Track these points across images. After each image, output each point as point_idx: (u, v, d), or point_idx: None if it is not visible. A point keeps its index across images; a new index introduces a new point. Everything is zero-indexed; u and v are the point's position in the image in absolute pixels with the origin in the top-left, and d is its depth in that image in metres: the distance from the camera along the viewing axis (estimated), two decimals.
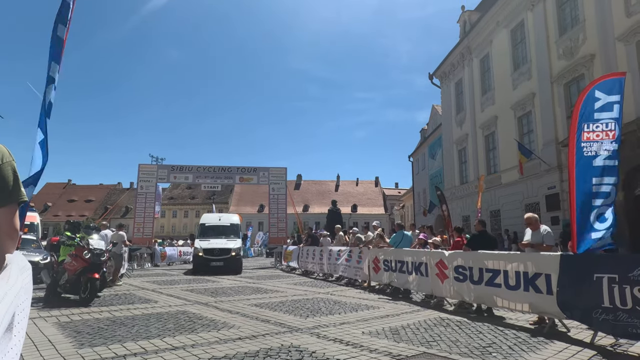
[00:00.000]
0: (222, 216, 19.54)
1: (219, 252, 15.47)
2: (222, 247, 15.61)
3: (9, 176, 1.71)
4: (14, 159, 1.80)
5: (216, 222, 18.06)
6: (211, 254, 15.36)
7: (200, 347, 4.55)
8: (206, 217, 19.26)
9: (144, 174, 24.00)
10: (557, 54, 16.67)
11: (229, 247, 15.65)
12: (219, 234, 16.82)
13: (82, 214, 65.38)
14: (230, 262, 15.43)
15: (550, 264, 5.38)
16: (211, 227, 17.49)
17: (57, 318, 6.26)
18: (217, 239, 16.20)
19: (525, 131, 19.08)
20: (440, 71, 27.81)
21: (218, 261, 15.31)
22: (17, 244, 2.02)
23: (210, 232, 17.14)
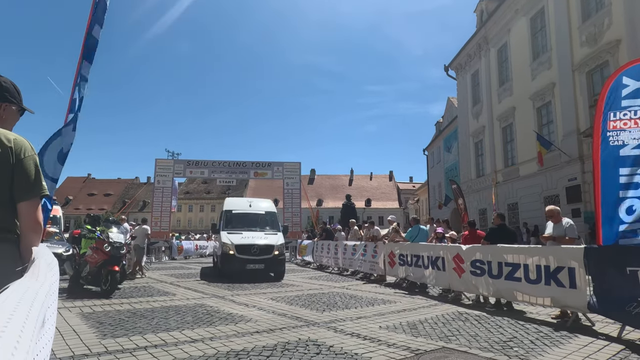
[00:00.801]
0: (253, 201, 13.88)
1: (258, 250, 11.11)
2: (261, 244, 11.25)
3: (30, 170, 1.71)
4: (36, 152, 1.81)
5: (246, 209, 13.19)
6: (247, 253, 11.01)
7: (218, 340, 4.59)
8: (232, 202, 13.95)
9: (160, 168, 24.37)
10: (580, 41, 16.15)
11: (270, 244, 11.33)
12: (250, 225, 12.39)
13: (101, 207, 66.90)
14: (272, 264, 11.23)
15: (573, 257, 5.24)
16: (239, 216, 12.80)
17: (81, 309, 6.41)
18: (251, 232, 11.86)
19: (545, 122, 18.62)
20: (456, 62, 27.32)
21: (257, 263, 11.04)
22: (42, 236, 2.05)
23: (239, 222, 12.52)
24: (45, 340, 0.88)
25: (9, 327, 0.56)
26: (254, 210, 13.18)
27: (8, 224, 1.68)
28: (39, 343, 0.77)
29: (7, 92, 1.88)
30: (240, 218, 12.67)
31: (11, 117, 1.91)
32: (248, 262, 10.94)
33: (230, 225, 12.26)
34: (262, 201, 14.12)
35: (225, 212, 12.81)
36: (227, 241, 11.21)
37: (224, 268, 11.18)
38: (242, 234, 11.55)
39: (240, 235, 11.50)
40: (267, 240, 11.42)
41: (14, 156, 1.69)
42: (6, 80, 1.91)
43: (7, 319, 0.58)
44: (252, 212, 13.12)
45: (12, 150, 1.69)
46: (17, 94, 1.93)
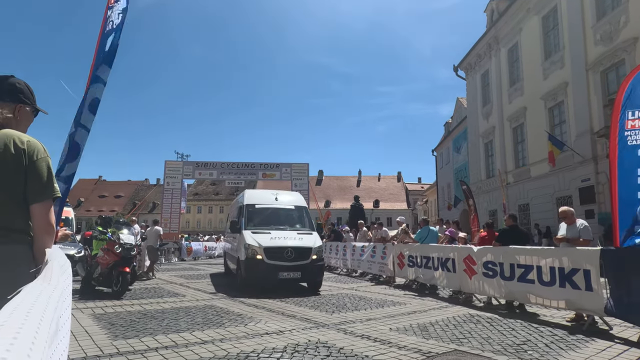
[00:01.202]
0: (280, 194, 11.05)
1: (292, 254, 8.74)
2: (297, 246, 8.91)
3: (43, 172, 1.71)
4: (49, 155, 1.81)
5: (272, 203, 10.52)
6: (279, 258, 8.64)
7: (228, 342, 4.58)
8: (254, 195, 11.06)
9: (170, 170, 24.57)
10: (594, 39, 15.89)
11: (306, 246, 9.01)
12: (278, 223, 9.96)
13: (112, 209, 67.69)
14: (309, 272, 8.90)
15: (589, 259, 5.14)
16: (264, 212, 10.27)
17: (93, 310, 6.47)
18: (281, 231, 9.47)
19: (557, 122, 18.36)
20: (466, 63, 27.10)
21: (292, 270, 8.69)
22: (55, 238, 2.06)
23: (263, 219, 10.04)
24: (62, 349, 0.87)
25: (22, 333, 0.54)
26: (282, 205, 10.53)
27: (22, 225, 1.69)
28: (57, 350, 0.75)
29: (22, 94, 1.89)
30: (264, 214, 10.14)
31: (26, 118, 1.92)
32: (280, 270, 8.53)
33: (252, 222, 9.71)
34: (290, 194, 11.61)
35: (245, 207, 10.05)
36: (253, 243, 8.74)
37: (249, 277, 8.70)
38: (271, 234, 9.13)
39: (268, 235, 9.08)
40: (303, 242, 9.07)
41: (27, 158, 1.69)
42: (20, 82, 1.92)
43: (20, 325, 0.56)
44: (280, 206, 10.46)
45: (25, 152, 1.70)
46: (30, 95, 1.94)
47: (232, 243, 11.18)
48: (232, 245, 10.95)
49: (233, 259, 10.48)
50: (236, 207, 11.31)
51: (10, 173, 1.67)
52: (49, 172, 1.75)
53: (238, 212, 10.61)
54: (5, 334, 0.51)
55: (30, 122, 1.98)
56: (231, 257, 11.17)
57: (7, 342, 0.49)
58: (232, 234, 10.94)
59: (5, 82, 1.87)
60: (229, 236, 12.03)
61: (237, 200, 11.82)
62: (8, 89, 1.85)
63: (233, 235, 10.70)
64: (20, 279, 1.59)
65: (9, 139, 1.71)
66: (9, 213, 1.66)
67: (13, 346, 0.48)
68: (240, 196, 11.22)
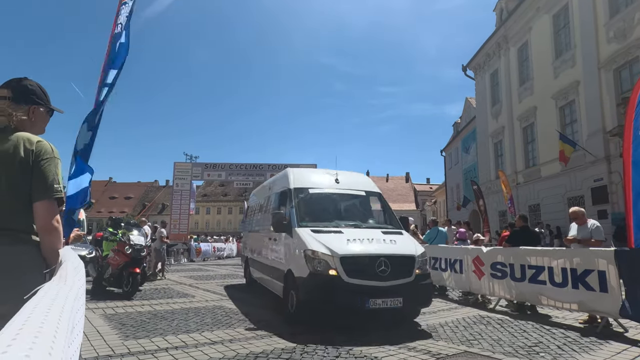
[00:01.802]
0: (341, 174, 7.40)
1: (388, 267, 5.32)
2: (392, 254, 5.50)
3: (47, 172, 1.71)
4: (58, 157, 1.81)
5: (332, 187, 7.13)
6: (367, 274, 5.25)
7: (238, 342, 4.60)
8: (303, 175, 7.47)
9: (179, 171, 24.75)
10: (607, 37, 15.66)
11: (406, 254, 5.64)
12: (345, 218, 6.76)
13: (122, 210, 68.39)
14: (414, 296, 5.42)
15: (603, 260, 5.06)
16: (322, 200, 7.01)
17: (104, 310, 6.54)
18: (357, 229, 6.16)
19: (568, 121, 18.12)
20: (475, 62, 26.90)
21: (390, 295, 5.20)
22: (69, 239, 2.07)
23: (322, 211, 6.76)
24: (75, 346, 0.88)
25: (42, 333, 0.55)
26: (347, 189, 7.03)
27: (30, 227, 1.70)
28: (71, 347, 0.76)
29: (34, 95, 1.90)
30: (324, 203, 6.86)
31: (40, 119, 1.94)
32: (370, 294, 5.09)
33: (307, 216, 6.26)
34: (354, 174, 7.72)
35: (294, 193, 6.61)
36: (319, 248, 5.36)
37: (315, 306, 5.22)
38: (344, 234, 5.74)
39: (339, 235, 5.68)
40: (399, 247, 5.64)
41: (34, 158, 1.71)
42: (32, 83, 1.94)
43: (40, 325, 0.57)
44: (344, 191, 7.01)
45: (32, 152, 1.72)
46: (44, 96, 1.96)
47: (268, 247, 7.25)
48: (271, 250, 7.07)
49: (273, 272, 6.81)
50: (274, 194, 7.57)
51: (17, 174, 1.69)
52: (54, 173, 1.74)
53: (279, 200, 7.05)
54: (27, 333, 0.52)
55: (45, 123, 2.01)
56: (266, 268, 7.41)
57: (29, 341, 0.50)
58: (268, 232, 7.22)
59: (19, 84, 1.88)
60: (262, 235, 7.84)
61: (274, 182, 8.05)
62: (21, 91, 1.86)
63: (272, 235, 6.89)
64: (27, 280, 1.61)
65: (20, 141, 1.73)
66: (16, 214, 1.67)
67: (35, 345, 0.49)
68: (281, 177, 7.52)
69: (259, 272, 8.23)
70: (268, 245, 7.46)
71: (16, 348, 0.50)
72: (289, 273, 5.83)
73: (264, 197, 8.59)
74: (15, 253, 1.64)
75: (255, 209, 9.41)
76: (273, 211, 6.84)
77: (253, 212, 9.67)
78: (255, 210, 9.45)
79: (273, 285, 6.97)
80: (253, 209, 9.63)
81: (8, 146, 1.72)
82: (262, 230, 8.19)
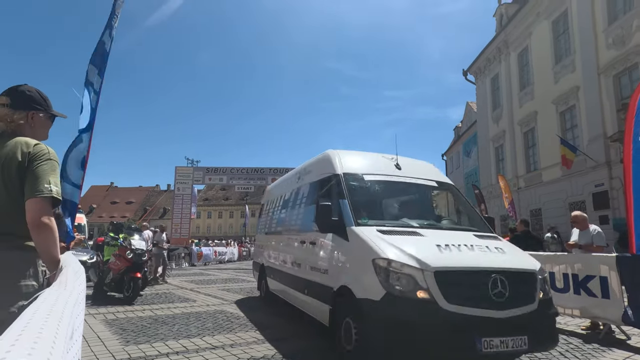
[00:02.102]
0: (403, 160, 5.52)
1: (505, 288, 3.44)
2: (509, 269, 3.62)
3: (40, 171, 1.70)
4: (56, 159, 1.79)
5: (394, 175, 5.20)
6: (476, 298, 3.38)
7: (239, 347, 4.59)
8: (353, 160, 5.32)
9: (180, 175, 24.80)
10: (606, 43, 15.72)
11: (526, 269, 3.78)
12: (413, 215, 4.90)
13: (123, 215, 68.42)
14: (539, 331, 3.53)
15: (605, 266, 5.04)
16: (382, 192, 5.25)
17: (105, 315, 6.53)
18: (439, 231, 4.41)
19: (569, 126, 18.14)
20: (475, 67, 26.99)
21: (511, 332, 3.33)
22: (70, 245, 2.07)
23: (385, 206, 5.27)
24: (74, 351, 0.88)
25: (42, 338, 0.56)
26: (412, 177, 5.36)
27: (26, 231, 1.67)
28: (70, 352, 0.77)
29: (33, 101, 1.91)
30: (385, 196, 5.41)
31: (40, 124, 1.95)
32: (484, 331, 3.31)
33: (364, 212, 4.63)
34: (416, 161, 6.01)
35: (344, 180, 4.92)
36: (399, 257, 3.58)
37: (394, 343, 3.30)
38: (426, 236, 4.12)
39: (423, 240, 4.03)
40: (512, 259, 3.97)
41: (29, 160, 1.72)
42: (30, 89, 1.95)
43: (40, 330, 0.58)
44: (410, 180, 5.31)
45: (28, 155, 1.72)
46: (43, 101, 1.96)
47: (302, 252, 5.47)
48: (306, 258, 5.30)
49: (310, 287, 5.04)
50: (307, 184, 5.91)
51: (15, 178, 1.69)
52: (48, 173, 1.72)
53: (317, 192, 5.42)
54: (26, 339, 0.53)
55: (47, 128, 2.01)
56: (296, 282, 5.60)
57: (28, 346, 0.50)
58: (299, 233, 5.70)
59: (16, 91, 1.90)
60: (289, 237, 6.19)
61: (306, 169, 6.20)
62: (19, 97, 1.88)
63: (309, 236, 5.26)
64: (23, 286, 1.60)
65: (18, 146, 1.74)
66: (16, 219, 1.66)
67: (34, 350, 0.49)
68: (318, 162, 5.78)
69: (283, 285, 6.29)
70: (300, 251, 5.51)
71: (15, 353, 0.50)
72: (344, 292, 3.95)
73: (290, 190, 6.80)
74: (12, 259, 1.63)
75: (276, 205, 7.63)
76: (319, 203, 4.49)
77: (272, 210, 7.88)
78: (276, 206, 7.56)
79: (309, 305, 5.05)
80: (272, 206, 7.95)
81: (6, 151, 1.73)
82: (287, 231, 6.45)
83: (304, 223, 5.54)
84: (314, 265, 4.95)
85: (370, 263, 3.62)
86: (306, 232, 5.41)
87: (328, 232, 4.59)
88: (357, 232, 4.09)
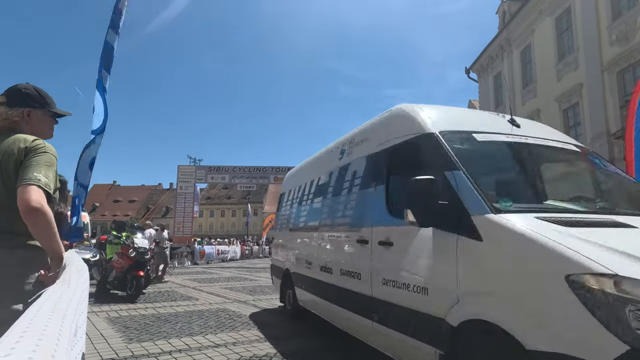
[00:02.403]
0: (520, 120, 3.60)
1: None
2: None
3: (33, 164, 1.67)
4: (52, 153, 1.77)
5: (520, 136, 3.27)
6: None
7: (241, 345, 4.61)
8: (445, 112, 3.58)
9: (183, 174, 24.86)
10: (610, 40, 15.64)
11: None
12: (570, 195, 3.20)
13: (126, 213, 68.69)
14: None
15: None
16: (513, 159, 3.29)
17: (108, 313, 6.57)
18: None
19: (572, 124, 18.08)
20: (478, 65, 26.91)
21: None
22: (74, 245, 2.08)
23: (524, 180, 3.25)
24: (78, 349, 0.89)
25: (46, 334, 0.57)
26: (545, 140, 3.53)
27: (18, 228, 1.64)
28: (74, 350, 0.78)
29: (28, 98, 1.90)
30: (517, 165, 3.43)
31: (37, 121, 1.92)
32: None
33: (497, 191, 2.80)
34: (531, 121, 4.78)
35: (443, 143, 2.94)
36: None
37: None
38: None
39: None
40: None
41: (25, 154, 1.71)
42: (27, 87, 1.94)
43: (44, 326, 0.59)
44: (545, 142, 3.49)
45: (25, 149, 1.71)
46: (41, 99, 1.94)
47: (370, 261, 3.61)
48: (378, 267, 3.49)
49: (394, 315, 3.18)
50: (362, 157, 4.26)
51: (12, 173, 1.68)
52: (40, 165, 1.68)
53: (403, 163, 3.47)
54: (30, 336, 0.54)
55: (47, 125, 1.99)
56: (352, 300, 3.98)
57: (32, 343, 0.51)
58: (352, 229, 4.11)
59: (12, 89, 1.91)
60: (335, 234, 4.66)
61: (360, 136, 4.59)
62: (14, 95, 1.88)
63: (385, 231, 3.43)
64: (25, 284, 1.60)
65: (15, 142, 1.74)
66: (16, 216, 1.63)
67: (39, 347, 0.50)
68: (388, 121, 4.10)
69: (324, 300, 4.79)
70: (359, 254, 3.88)
71: (20, 350, 0.51)
72: (475, 329, 2.35)
73: (328, 171, 5.13)
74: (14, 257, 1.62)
75: (306, 193, 5.94)
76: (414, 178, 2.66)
77: (299, 199, 6.18)
78: (306, 195, 5.89)
79: (384, 339, 3.38)
80: (299, 194, 6.26)
81: (4, 147, 1.72)
82: (328, 227, 4.83)
83: (361, 213, 3.94)
84: (393, 277, 3.22)
85: (559, 282, 1.90)
86: (367, 226, 3.73)
87: (428, 226, 2.79)
88: (505, 225, 2.32)
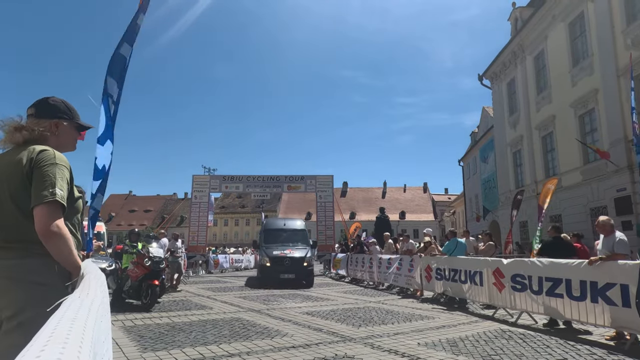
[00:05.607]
0: None
1: None
2: None
3: (44, 177, 1.67)
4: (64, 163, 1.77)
5: None
6: None
7: (255, 355, 4.61)
8: None
9: (197, 184, 25.12)
10: (625, 44, 15.38)
11: None
12: None
13: (141, 223, 69.57)
14: None
15: (626, 274, 4.89)
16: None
17: (123, 322, 6.64)
18: None
19: (588, 130, 17.73)
20: (491, 71, 26.70)
21: None
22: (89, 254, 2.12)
23: None
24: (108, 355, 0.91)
25: (69, 342, 0.59)
26: None
27: (29, 236, 1.65)
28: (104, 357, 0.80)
29: (57, 110, 1.96)
30: None
31: (64, 133, 1.97)
32: None
33: None
34: None
35: None
36: None
37: None
38: None
39: None
40: None
41: (34, 165, 1.71)
42: (55, 99, 2.00)
43: (66, 336, 0.61)
44: None
45: (33, 160, 1.72)
46: (68, 111, 1.99)
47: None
48: None
49: None
50: None
51: (20, 184, 1.69)
52: (53, 177, 1.69)
53: None
54: (55, 342, 0.56)
55: (72, 137, 2.03)
56: None
57: (57, 349, 0.53)
58: None
59: (41, 101, 1.97)
60: None
61: None
62: (43, 107, 1.94)
63: None
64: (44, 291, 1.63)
65: (26, 152, 1.75)
66: (25, 225, 1.65)
67: (63, 355, 0.52)
68: None
69: None
70: None
71: (44, 358, 0.53)
72: None
73: None
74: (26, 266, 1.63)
75: None
76: None
77: None
78: None
79: None
80: None
81: (17, 158, 1.73)
82: None
83: None
84: None
85: None
86: None
87: None
88: None
